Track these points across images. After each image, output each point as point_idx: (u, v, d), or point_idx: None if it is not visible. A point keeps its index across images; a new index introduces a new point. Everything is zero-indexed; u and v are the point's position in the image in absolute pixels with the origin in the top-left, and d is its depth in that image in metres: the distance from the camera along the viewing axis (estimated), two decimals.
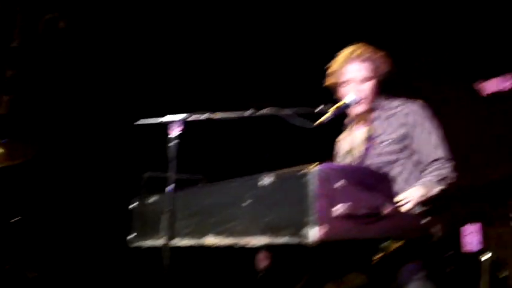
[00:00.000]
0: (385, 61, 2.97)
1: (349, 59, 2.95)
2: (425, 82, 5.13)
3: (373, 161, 2.91)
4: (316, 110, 2.74)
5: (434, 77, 5.20)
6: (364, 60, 2.93)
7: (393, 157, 2.87)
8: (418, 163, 2.87)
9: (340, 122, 3.16)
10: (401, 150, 2.87)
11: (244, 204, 2.25)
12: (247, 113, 2.65)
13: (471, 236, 2.86)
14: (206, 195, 2.51)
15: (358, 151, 3.00)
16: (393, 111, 2.95)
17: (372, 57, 2.93)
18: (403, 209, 2.38)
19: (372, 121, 2.98)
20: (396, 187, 2.74)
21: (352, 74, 2.94)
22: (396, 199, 2.30)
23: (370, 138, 2.95)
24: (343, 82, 2.96)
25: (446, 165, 2.80)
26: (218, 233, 2.34)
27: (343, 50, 3.00)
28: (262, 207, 2.18)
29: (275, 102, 2.73)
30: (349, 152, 3.07)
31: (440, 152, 2.83)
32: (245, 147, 5.49)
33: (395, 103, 2.97)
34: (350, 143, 3.10)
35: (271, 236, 2.13)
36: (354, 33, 3.27)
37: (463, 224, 3.00)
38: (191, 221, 2.50)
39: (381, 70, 2.94)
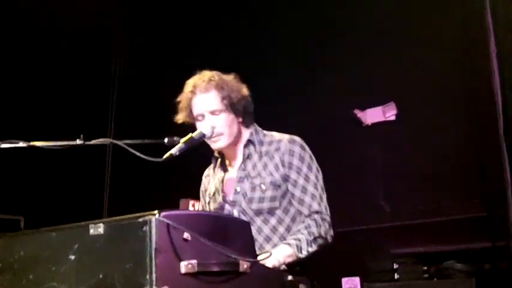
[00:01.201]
0: (239, 87, 2.85)
1: (196, 90, 2.80)
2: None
3: (247, 207, 2.76)
4: (166, 141, 2.55)
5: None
6: (212, 89, 2.78)
7: (272, 204, 2.74)
8: (296, 213, 2.77)
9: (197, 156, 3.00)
10: (281, 197, 2.75)
11: (69, 258, 2.03)
12: (78, 141, 2.39)
13: None
14: (22, 245, 2.22)
15: (225, 195, 2.86)
16: (266, 148, 2.82)
17: (221, 83, 2.80)
18: (267, 264, 2.22)
19: (243, 160, 2.85)
20: (270, 241, 2.59)
21: (203, 106, 2.79)
22: (260, 254, 2.18)
23: (244, 178, 2.81)
24: (197, 116, 2.82)
25: (320, 222, 2.70)
26: None
27: (190, 80, 2.86)
28: (93, 263, 1.98)
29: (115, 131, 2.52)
30: (214, 194, 2.93)
31: (315, 205, 2.74)
32: (77, 184, 5.34)
33: (267, 138, 2.87)
34: (215, 184, 2.95)
35: None
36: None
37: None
38: (1, 279, 2.22)
39: (234, 97, 2.80)
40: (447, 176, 4.66)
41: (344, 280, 4.87)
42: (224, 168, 2.93)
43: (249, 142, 2.84)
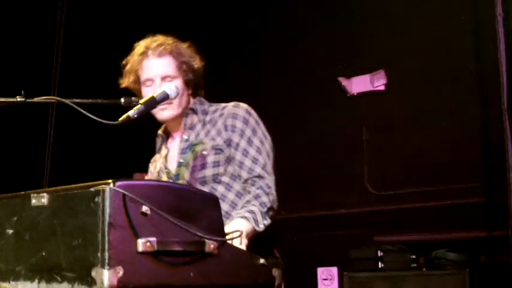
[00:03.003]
0: (192, 55, 2.95)
1: (149, 53, 2.87)
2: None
3: (190, 178, 2.84)
4: (123, 102, 2.53)
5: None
6: (167, 54, 2.87)
7: (216, 170, 2.82)
8: (238, 177, 2.86)
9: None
10: (225, 162, 2.84)
11: (6, 233, 2.03)
12: (18, 99, 2.36)
13: (329, 283, 2.82)
14: None
15: (169, 171, 2.94)
16: (210, 116, 2.92)
17: (176, 50, 2.89)
18: (235, 243, 2.23)
19: (184, 130, 2.94)
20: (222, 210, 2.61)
21: (156, 70, 2.87)
22: (227, 232, 2.19)
23: (186, 148, 2.90)
24: (145, 81, 2.88)
25: (267, 189, 2.76)
26: None
27: (140, 42, 2.93)
28: (34, 238, 1.96)
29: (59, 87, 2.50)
30: (164, 168, 2.99)
31: (258, 168, 2.80)
32: (13, 149, 5.28)
33: (212, 108, 2.97)
34: (165, 159, 3.02)
35: (45, 281, 1.91)
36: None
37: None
38: None
39: (190, 66, 2.91)
40: (441, 156, 4.71)
41: (320, 270, 4.93)
42: (168, 146, 3.02)
43: (191, 110, 2.93)
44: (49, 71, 6.07)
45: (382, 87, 5.13)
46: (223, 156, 2.82)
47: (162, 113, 2.85)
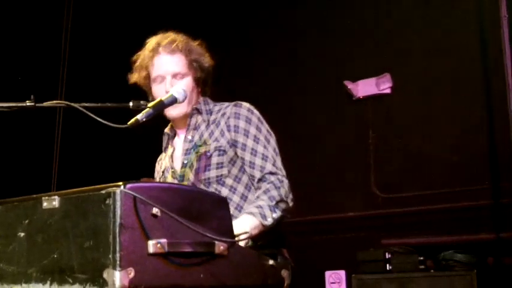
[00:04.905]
0: (203, 53, 2.97)
1: (160, 49, 2.88)
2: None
3: (195, 179, 2.85)
4: (131, 105, 2.55)
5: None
6: (178, 51, 2.88)
7: (219, 172, 2.83)
8: (250, 181, 2.85)
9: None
10: (229, 164, 2.84)
11: (18, 236, 2.03)
12: (28, 103, 2.38)
13: (337, 286, 2.83)
14: None
15: (174, 171, 2.95)
16: (214, 116, 2.93)
17: (188, 47, 2.90)
18: (242, 244, 2.25)
19: (188, 130, 2.95)
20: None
21: (167, 67, 2.87)
22: (236, 233, 2.19)
23: (190, 149, 2.91)
24: (156, 78, 2.89)
25: (278, 183, 2.75)
26: None
27: (152, 39, 2.94)
28: (46, 241, 1.97)
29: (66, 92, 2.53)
30: (163, 173, 3.01)
31: (269, 165, 2.80)
32: (21, 154, 5.29)
33: (217, 108, 2.97)
34: (166, 162, 3.04)
35: (56, 283, 1.92)
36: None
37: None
38: None
39: (200, 64, 2.92)
40: (448, 158, 4.71)
41: (328, 273, 4.94)
42: (174, 145, 3.02)
43: (196, 110, 2.93)
44: (56, 75, 6.10)
45: (388, 91, 5.14)
46: (226, 157, 2.83)
47: (172, 111, 2.86)
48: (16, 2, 5.96)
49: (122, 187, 1.84)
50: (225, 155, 2.83)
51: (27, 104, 2.52)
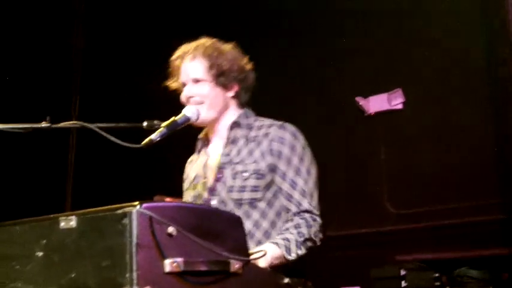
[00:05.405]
0: (234, 57, 2.91)
1: (184, 56, 2.89)
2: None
3: (227, 197, 2.79)
4: (145, 125, 2.58)
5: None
6: (200, 57, 2.86)
7: (254, 195, 2.76)
8: (282, 208, 2.79)
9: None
10: (264, 188, 2.77)
11: (36, 255, 2.05)
12: (43, 124, 2.42)
13: None
14: None
15: (206, 181, 2.89)
16: (254, 133, 2.86)
17: (209, 52, 2.86)
18: (259, 263, 2.26)
19: (227, 143, 2.88)
20: (253, 237, 2.62)
21: (187, 73, 2.88)
22: (251, 252, 2.20)
23: (226, 164, 2.84)
24: (182, 84, 2.90)
25: (311, 222, 2.73)
26: None
27: (182, 46, 2.96)
28: (63, 260, 2.00)
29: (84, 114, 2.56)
30: (194, 180, 2.96)
31: (306, 203, 2.76)
32: (34, 175, 5.32)
33: (258, 123, 2.90)
34: (197, 169, 2.98)
35: None
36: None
37: None
38: None
39: (220, 68, 2.85)
40: (461, 173, 4.71)
41: None
42: (208, 153, 2.96)
43: (235, 124, 2.89)
44: (68, 96, 6.16)
45: (400, 106, 5.14)
46: (264, 182, 2.76)
47: (200, 119, 2.85)
48: (27, 21, 6.02)
49: (138, 207, 1.87)
50: (263, 179, 2.76)
51: (43, 125, 2.55)
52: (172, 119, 2.67)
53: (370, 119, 5.25)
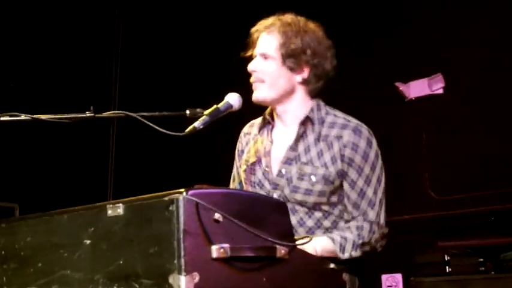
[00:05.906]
0: (314, 38, 2.76)
1: (260, 28, 2.77)
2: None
3: (289, 196, 2.70)
4: (188, 113, 2.59)
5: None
6: (275, 32, 2.73)
7: (319, 200, 2.67)
8: (342, 212, 2.74)
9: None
10: (330, 193, 2.69)
11: (84, 243, 2.07)
12: (88, 114, 2.44)
13: None
14: (29, 230, 2.27)
15: (268, 171, 2.78)
16: (326, 130, 2.72)
17: (285, 29, 2.71)
18: (306, 249, 2.26)
19: (296, 137, 2.75)
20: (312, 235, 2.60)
21: (258, 47, 2.76)
22: (298, 239, 2.18)
23: (293, 160, 2.73)
24: (254, 56, 2.79)
25: (375, 229, 2.68)
26: (43, 286, 2.12)
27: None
28: (111, 248, 2.02)
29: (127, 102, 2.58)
30: (253, 164, 2.84)
31: (372, 214, 2.68)
32: (76, 166, 5.38)
33: (330, 118, 2.76)
34: (258, 151, 2.85)
35: None
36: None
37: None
38: (2, 271, 2.27)
39: (299, 48, 2.69)
40: (503, 159, 4.66)
41: (384, 277, 4.91)
42: (272, 138, 2.83)
43: (307, 119, 2.74)
44: (108, 85, 6.22)
45: (440, 91, 5.10)
46: (331, 187, 2.66)
47: (254, 93, 2.77)
48: (68, 12, 6.09)
49: (185, 194, 1.88)
50: (331, 185, 2.66)
51: (87, 114, 2.57)
52: (214, 106, 2.63)
53: (411, 104, 5.22)
